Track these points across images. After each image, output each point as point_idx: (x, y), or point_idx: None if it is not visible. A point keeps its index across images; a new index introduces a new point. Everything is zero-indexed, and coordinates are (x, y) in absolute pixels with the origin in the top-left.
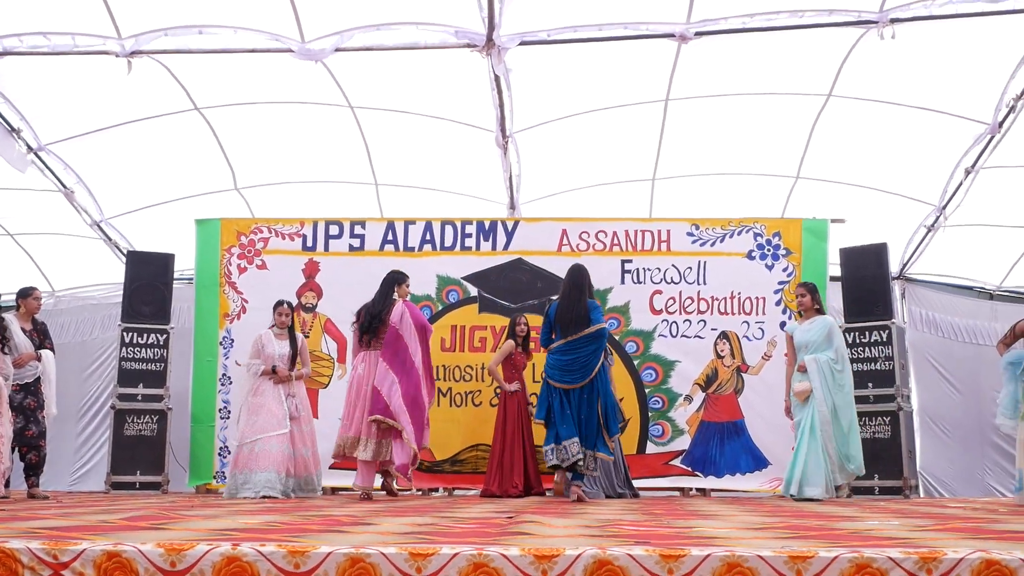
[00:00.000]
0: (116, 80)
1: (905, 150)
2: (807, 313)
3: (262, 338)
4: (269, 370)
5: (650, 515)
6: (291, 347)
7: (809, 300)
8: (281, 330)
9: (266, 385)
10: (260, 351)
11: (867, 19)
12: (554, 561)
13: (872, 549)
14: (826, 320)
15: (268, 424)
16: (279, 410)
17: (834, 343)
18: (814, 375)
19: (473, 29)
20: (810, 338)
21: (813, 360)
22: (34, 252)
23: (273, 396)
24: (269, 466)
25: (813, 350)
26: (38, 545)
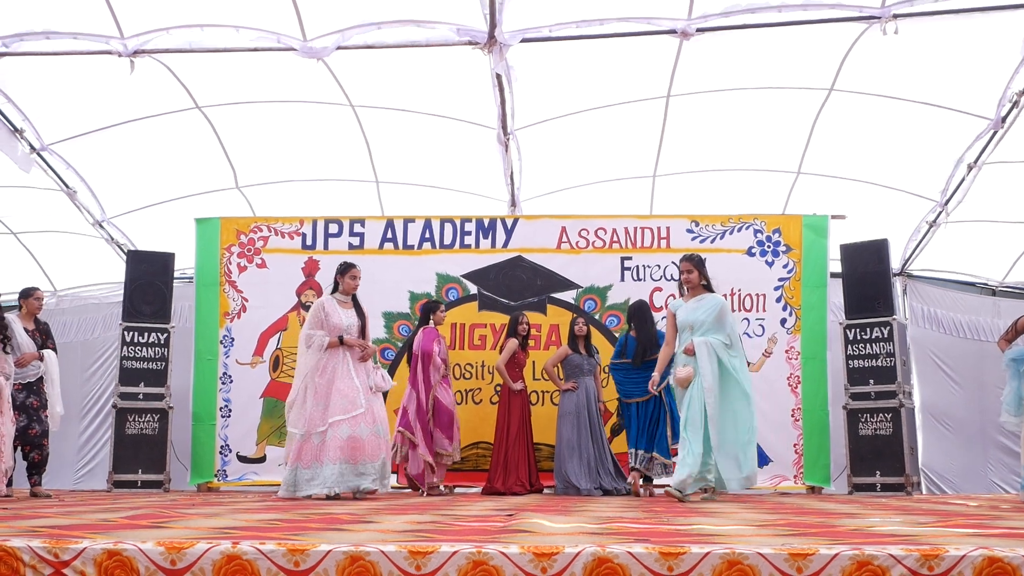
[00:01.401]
0: (118, 80)
1: (907, 145)
2: (694, 290)
3: (324, 307)
4: (335, 342)
5: (650, 513)
6: (359, 317)
7: (696, 276)
8: (346, 297)
9: (333, 361)
10: (323, 321)
11: (870, 14)
12: (553, 559)
13: (873, 546)
14: (716, 299)
15: (340, 406)
16: (351, 388)
17: (726, 325)
18: (703, 359)
19: (475, 26)
20: (698, 317)
21: (704, 343)
22: (36, 251)
23: (343, 373)
24: (342, 456)
25: (701, 332)
26: (39, 544)
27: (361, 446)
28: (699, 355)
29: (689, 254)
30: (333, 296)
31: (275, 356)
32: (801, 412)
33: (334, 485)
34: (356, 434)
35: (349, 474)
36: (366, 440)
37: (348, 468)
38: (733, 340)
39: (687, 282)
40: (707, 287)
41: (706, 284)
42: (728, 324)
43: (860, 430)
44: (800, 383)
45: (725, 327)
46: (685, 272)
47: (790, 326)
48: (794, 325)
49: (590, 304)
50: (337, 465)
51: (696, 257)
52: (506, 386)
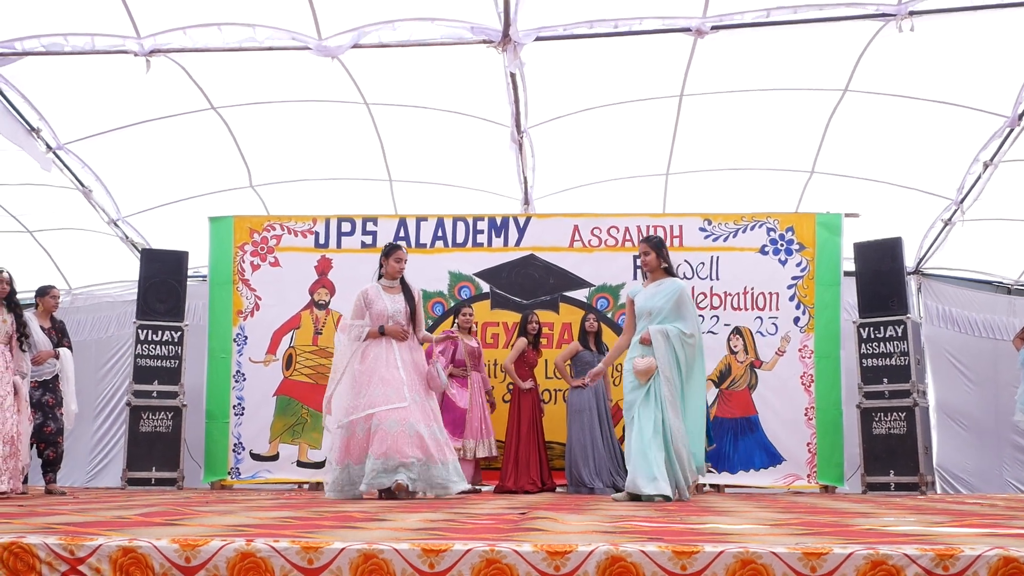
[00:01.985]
0: (134, 79)
1: (922, 144)
2: (653, 274)
3: (368, 293)
4: (376, 332)
5: (663, 511)
6: (408, 303)
7: (654, 258)
8: (392, 282)
9: (376, 349)
10: (365, 309)
11: (885, 12)
12: (567, 557)
13: (887, 546)
14: (675, 284)
15: (382, 395)
16: (395, 379)
17: (685, 312)
18: (660, 349)
19: (489, 25)
20: (656, 304)
21: (661, 332)
22: (52, 249)
23: (388, 362)
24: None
25: (660, 319)
26: (55, 540)
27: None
28: (655, 345)
29: (648, 235)
30: (378, 282)
31: (288, 354)
32: (815, 411)
33: (371, 482)
34: (396, 429)
35: (380, 472)
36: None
37: (379, 464)
38: (693, 329)
39: (645, 265)
40: (668, 271)
41: (667, 267)
42: (688, 311)
43: (874, 429)
44: (813, 382)
45: (685, 315)
46: (643, 254)
47: (803, 325)
48: (807, 324)
49: (603, 302)
50: (376, 461)
51: (655, 238)
52: (516, 385)
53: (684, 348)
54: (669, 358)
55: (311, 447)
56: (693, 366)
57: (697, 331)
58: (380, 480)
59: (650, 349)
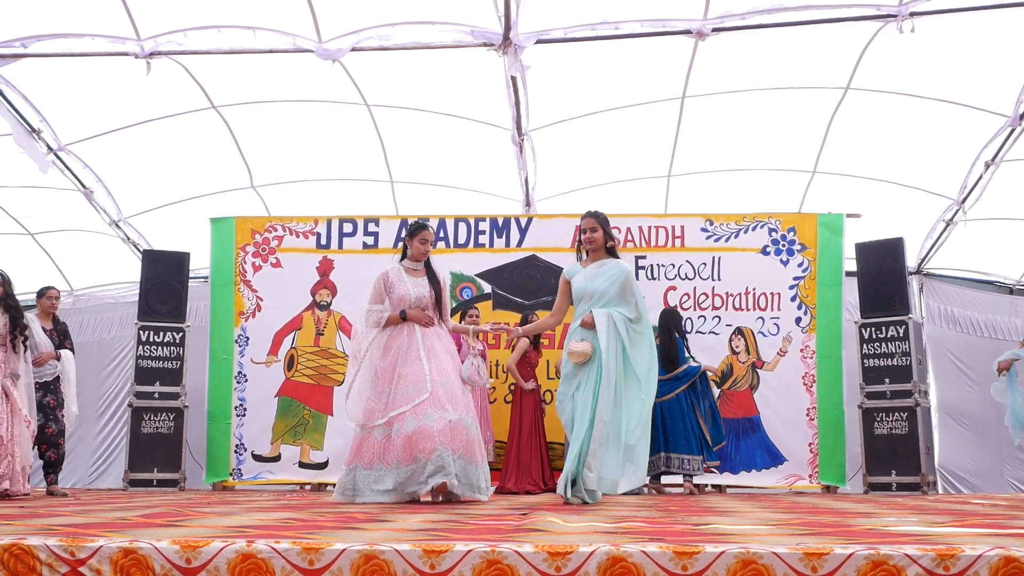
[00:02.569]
0: (134, 80)
1: (924, 143)
2: (595, 253)
3: (389, 276)
4: (397, 317)
5: (665, 512)
6: (432, 287)
7: (601, 236)
8: (416, 264)
9: (398, 340)
10: (385, 293)
11: (886, 12)
12: (568, 558)
13: (888, 546)
14: (620, 266)
15: (404, 395)
16: (417, 373)
17: (630, 297)
18: (603, 334)
19: (490, 28)
20: (598, 286)
21: (605, 315)
22: (53, 251)
23: (412, 355)
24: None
25: (603, 303)
26: (56, 542)
27: (422, 439)
28: (599, 329)
29: (593, 210)
30: (401, 264)
31: (290, 355)
32: (816, 411)
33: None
34: (422, 425)
35: (407, 480)
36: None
37: (405, 471)
38: (640, 315)
39: (590, 243)
40: (611, 251)
41: (611, 248)
42: (635, 296)
43: (876, 429)
44: (815, 382)
45: (631, 300)
46: (588, 230)
47: (805, 325)
48: (809, 324)
49: None
50: (395, 470)
51: (601, 214)
52: (518, 385)
53: (630, 335)
54: (612, 344)
55: (313, 448)
56: (639, 357)
57: (645, 319)
58: (412, 488)
59: (591, 333)
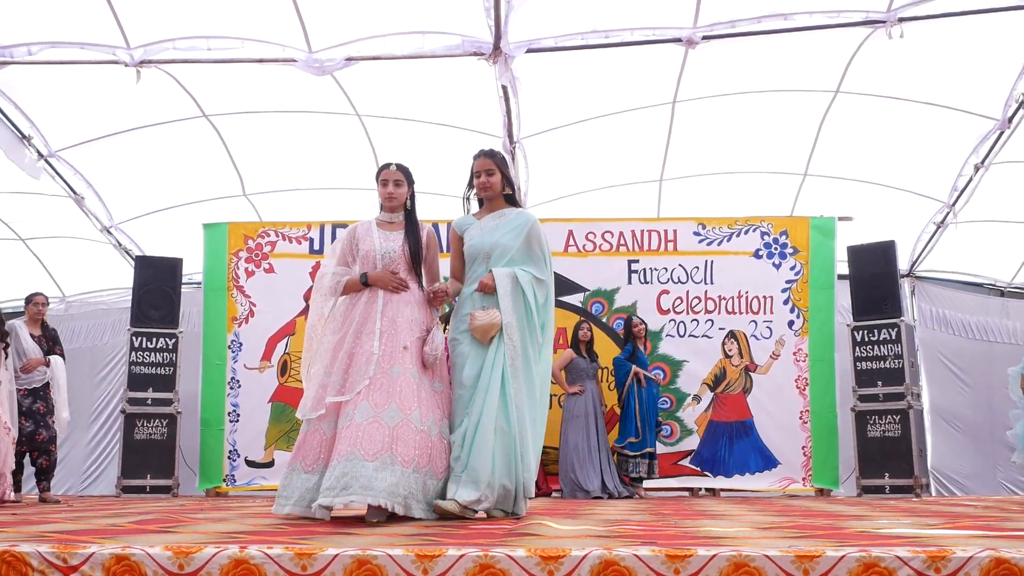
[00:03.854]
0: (125, 87)
1: (914, 146)
2: (492, 202)
3: (357, 230)
4: (357, 281)
5: (657, 515)
6: (410, 241)
7: (498, 180)
8: (392, 216)
9: (356, 311)
10: (351, 251)
11: (875, 19)
12: (560, 562)
13: (880, 548)
14: (525, 216)
15: (352, 376)
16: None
17: (537, 253)
18: (507, 299)
19: (480, 37)
20: (497, 240)
21: (508, 275)
22: (45, 257)
23: (364, 330)
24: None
25: (504, 261)
26: (48, 549)
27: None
28: (500, 292)
29: (490, 149)
30: (377, 217)
31: (283, 361)
32: (809, 414)
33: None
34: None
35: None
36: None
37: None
38: (548, 279)
39: (485, 189)
40: (511, 199)
41: (510, 195)
42: (543, 253)
43: (869, 432)
44: (808, 385)
45: (537, 258)
46: (483, 173)
47: (798, 328)
48: (802, 327)
49: (597, 307)
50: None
51: (498, 154)
52: None
53: (536, 300)
54: (519, 311)
55: None
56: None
57: (550, 281)
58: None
59: (493, 299)
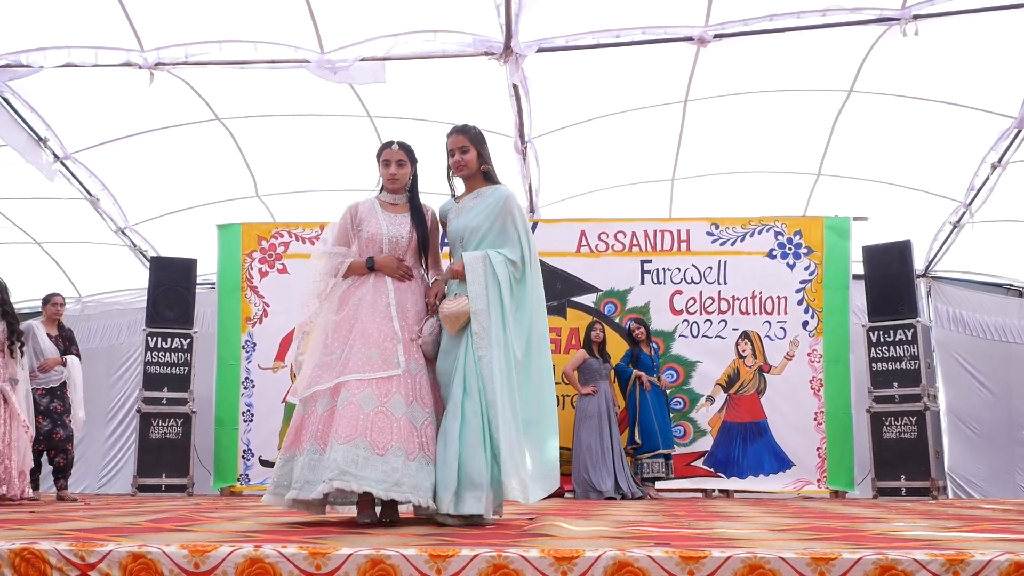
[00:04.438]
0: (139, 90)
1: (929, 146)
2: (470, 182)
3: (359, 209)
4: (362, 265)
5: (671, 516)
6: (415, 227)
7: (475, 158)
8: (395, 197)
9: (361, 290)
10: (353, 232)
11: (889, 16)
12: (574, 563)
13: (897, 551)
14: (500, 192)
15: (363, 359)
16: (385, 334)
17: (515, 234)
18: (477, 284)
19: (491, 37)
20: (469, 222)
21: (479, 259)
22: (61, 259)
23: (378, 309)
24: (355, 435)
25: (477, 242)
26: (66, 547)
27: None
28: (470, 278)
29: (463, 124)
30: (378, 197)
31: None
32: (824, 415)
33: (335, 478)
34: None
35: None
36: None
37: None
38: (525, 257)
39: (461, 168)
40: (489, 176)
41: (487, 172)
42: (518, 231)
43: (884, 433)
44: (823, 386)
45: (511, 236)
46: (458, 151)
47: (812, 329)
48: (816, 328)
49: (610, 307)
50: (346, 447)
51: (474, 129)
52: None
53: (512, 282)
54: (491, 296)
55: None
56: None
57: (528, 260)
58: (345, 480)
59: (465, 287)
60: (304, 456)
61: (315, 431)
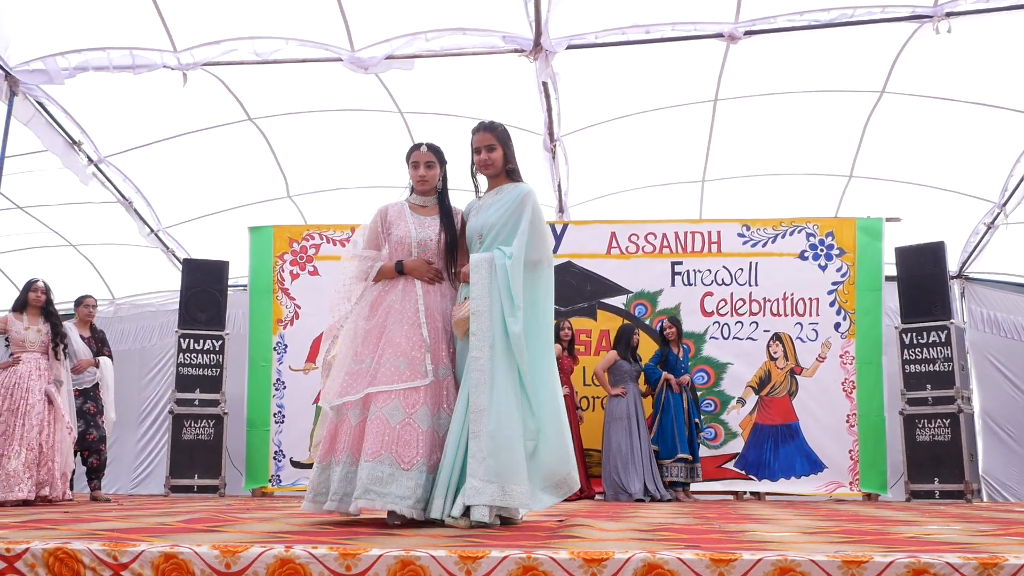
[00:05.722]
0: (172, 92)
1: (962, 146)
2: (494, 180)
3: (388, 212)
4: (391, 268)
5: (701, 519)
6: (445, 228)
7: (500, 157)
8: (425, 200)
9: (391, 297)
10: (383, 235)
11: (921, 14)
12: (603, 565)
13: (930, 554)
14: (519, 189)
15: (392, 369)
16: (413, 343)
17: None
18: (479, 286)
19: (521, 34)
20: (486, 219)
21: (484, 261)
22: (95, 261)
23: (407, 316)
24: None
25: (490, 241)
26: (99, 547)
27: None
28: (473, 279)
29: (490, 122)
30: (407, 199)
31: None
32: (856, 417)
33: (360, 496)
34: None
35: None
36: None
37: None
38: (539, 250)
39: (486, 166)
40: (512, 175)
41: (511, 170)
42: (529, 227)
43: (918, 436)
44: (855, 388)
45: (521, 233)
46: (484, 149)
47: (844, 330)
48: (848, 329)
49: (640, 309)
50: (372, 464)
51: (500, 127)
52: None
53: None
54: (488, 299)
55: None
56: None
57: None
58: (369, 499)
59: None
60: (340, 467)
61: (349, 442)
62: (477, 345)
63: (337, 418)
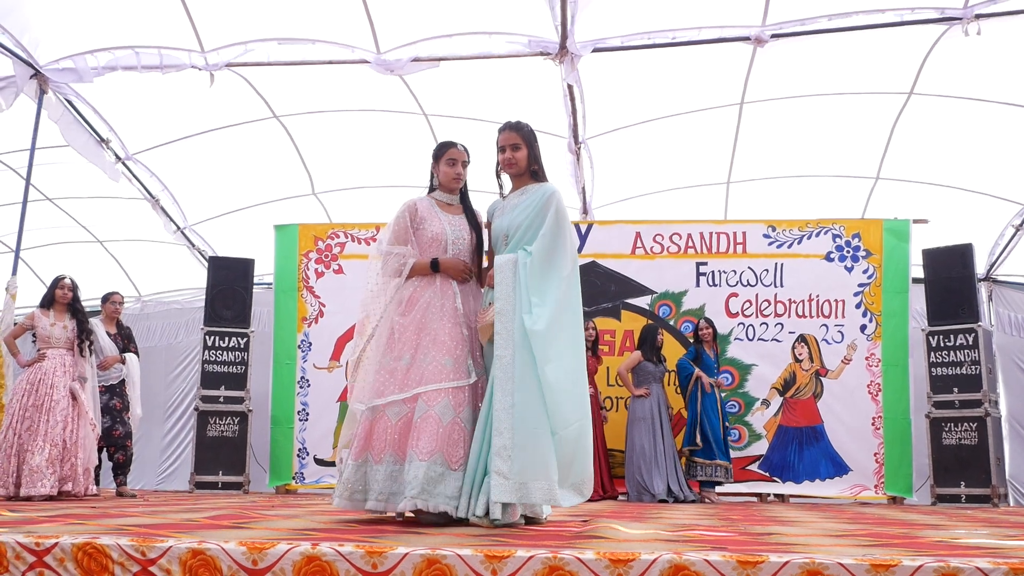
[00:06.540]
0: (199, 90)
1: (991, 147)
2: (518, 180)
3: (417, 208)
4: (426, 265)
5: (726, 520)
6: (473, 231)
7: (524, 156)
8: (451, 197)
9: (428, 291)
10: (411, 231)
11: (951, 15)
12: (629, 566)
13: (959, 559)
14: (544, 189)
15: (435, 366)
16: (455, 339)
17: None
18: (503, 286)
19: (546, 37)
20: (512, 220)
21: (508, 262)
22: (122, 258)
23: (446, 311)
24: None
25: (514, 242)
26: (127, 542)
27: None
28: (497, 280)
29: (516, 121)
30: (431, 196)
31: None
32: (882, 420)
33: (417, 496)
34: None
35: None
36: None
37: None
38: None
39: (511, 165)
40: (537, 175)
41: (536, 170)
42: (550, 227)
43: (944, 439)
44: (881, 391)
45: (544, 233)
46: (508, 148)
47: (870, 333)
48: (874, 331)
49: (665, 310)
50: (425, 463)
51: (526, 127)
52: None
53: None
54: (513, 299)
55: None
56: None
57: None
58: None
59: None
60: (383, 466)
61: (390, 439)
62: (501, 344)
63: (372, 415)
